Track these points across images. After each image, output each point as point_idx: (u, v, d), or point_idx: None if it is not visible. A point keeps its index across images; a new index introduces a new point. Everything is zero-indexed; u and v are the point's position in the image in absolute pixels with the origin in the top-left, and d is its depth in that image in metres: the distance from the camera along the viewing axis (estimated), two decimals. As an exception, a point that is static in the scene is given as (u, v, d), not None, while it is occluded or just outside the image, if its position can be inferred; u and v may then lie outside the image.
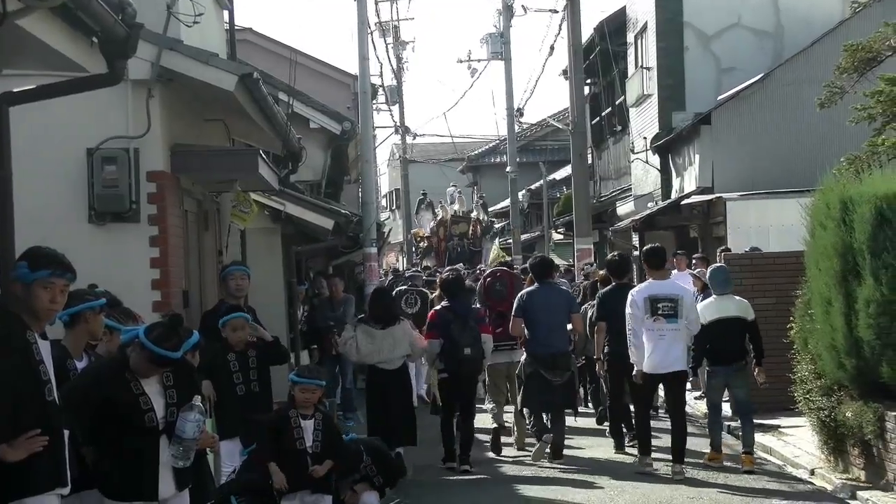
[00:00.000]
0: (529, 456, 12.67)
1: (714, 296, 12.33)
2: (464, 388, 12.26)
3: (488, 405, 13.95)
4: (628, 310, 11.74)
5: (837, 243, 10.48)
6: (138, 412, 6.14)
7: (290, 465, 8.06)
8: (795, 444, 12.48)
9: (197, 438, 6.21)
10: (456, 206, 35.16)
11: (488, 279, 14.03)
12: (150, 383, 6.23)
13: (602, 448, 13.40)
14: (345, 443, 8.57)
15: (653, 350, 11.58)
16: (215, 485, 7.75)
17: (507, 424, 13.54)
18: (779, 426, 13.47)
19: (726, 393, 12.45)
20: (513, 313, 12.69)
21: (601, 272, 15.21)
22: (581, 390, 15.12)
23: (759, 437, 13.11)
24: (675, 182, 25.10)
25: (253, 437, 8.67)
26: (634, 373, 11.70)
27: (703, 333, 12.00)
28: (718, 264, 13.73)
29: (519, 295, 12.81)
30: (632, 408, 12.58)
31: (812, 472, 11.22)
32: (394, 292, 16.93)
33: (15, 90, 7.00)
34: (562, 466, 12.29)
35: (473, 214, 34.45)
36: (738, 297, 12.52)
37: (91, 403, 6.11)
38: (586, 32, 27.51)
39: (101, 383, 6.17)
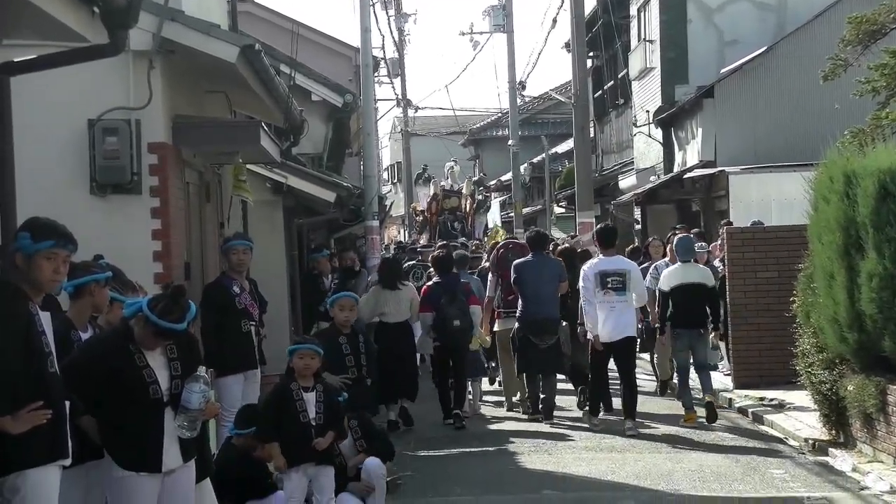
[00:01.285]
0: (528, 417, 13.53)
1: (679, 263, 13.18)
2: (455, 354, 13.31)
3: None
4: (581, 284, 12.76)
5: (840, 217, 10.45)
6: (142, 384, 6.13)
7: (293, 439, 8.03)
8: (797, 417, 12.49)
9: (202, 409, 6.23)
10: (448, 181, 35.32)
11: (501, 250, 14.75)
12: (154, 356, 6.23)
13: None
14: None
15: (605, 320, 12.55)
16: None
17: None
18: (780, 399, 13.48)
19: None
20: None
21: (563, 245, 16.12)
22: None
23: (760, 411, 13.14)
24: (678, 156, 25.06)
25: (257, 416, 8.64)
26: (591, 338, 12.67)
27: (667, 298, 13.01)
28: (682, 234, 14.54)
29: (513, 265, 13.56)
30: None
31: (813, 446, 11.22)
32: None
33: (16, 60, 6.97)
34: (562, 434, 12.34)
35: (464, 189, 34.48)
36: (700, 265, 13.57)
37: (94, 375, 6.11)
38: (589, 5, 27.45)
39: (105, 356, 6.17)
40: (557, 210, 37.26)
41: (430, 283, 13.67)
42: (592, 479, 10.39)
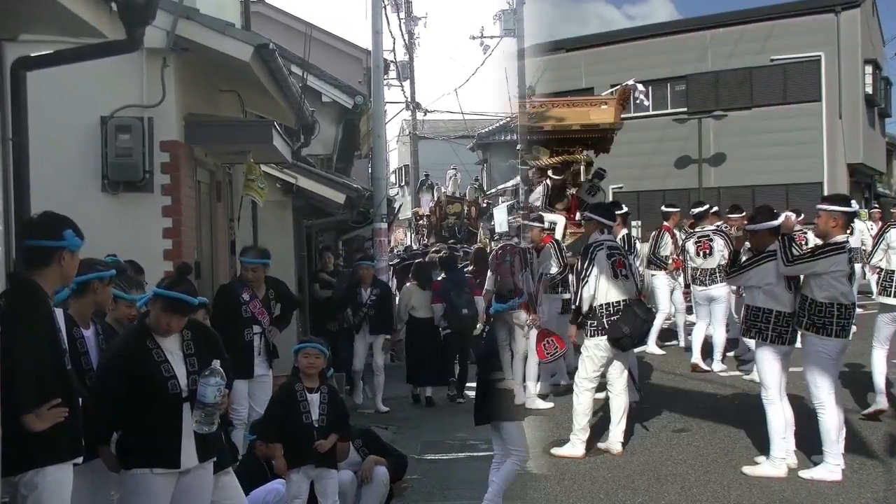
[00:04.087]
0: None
1: None
2: (464, 339, 15.43)
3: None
4: None
5: None
6: (161, 379, 6.10)
7: (295, 440, 8.00)
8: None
9: (219, 403, 6.16)
10: (450, 188, 35.85)
11: (499, 251, 16.07)
12: (172, 350, 6.19)
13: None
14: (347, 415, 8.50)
15: None
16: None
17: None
18: None
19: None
20: None
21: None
22: None
23: None
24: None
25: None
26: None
27: None
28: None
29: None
30: None
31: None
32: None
33: (32, 55, 6.95)
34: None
35: (468, 196, 34.97)
36: None
37: (121, 376, 6.07)
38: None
39: (126, 355, 6.14)
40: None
41: (438, 278, 15.60)
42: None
